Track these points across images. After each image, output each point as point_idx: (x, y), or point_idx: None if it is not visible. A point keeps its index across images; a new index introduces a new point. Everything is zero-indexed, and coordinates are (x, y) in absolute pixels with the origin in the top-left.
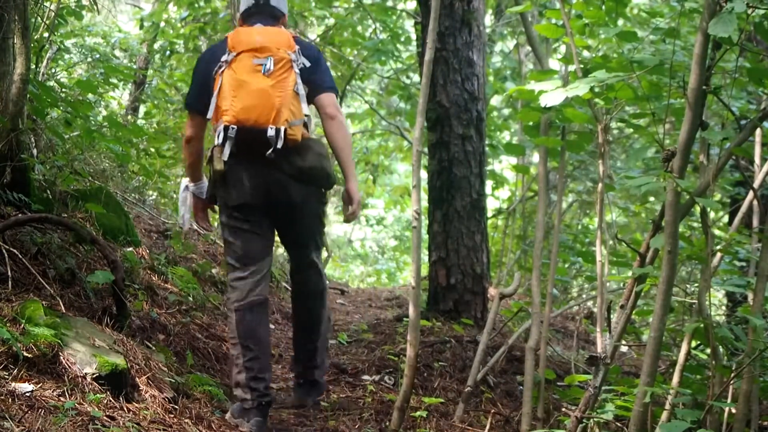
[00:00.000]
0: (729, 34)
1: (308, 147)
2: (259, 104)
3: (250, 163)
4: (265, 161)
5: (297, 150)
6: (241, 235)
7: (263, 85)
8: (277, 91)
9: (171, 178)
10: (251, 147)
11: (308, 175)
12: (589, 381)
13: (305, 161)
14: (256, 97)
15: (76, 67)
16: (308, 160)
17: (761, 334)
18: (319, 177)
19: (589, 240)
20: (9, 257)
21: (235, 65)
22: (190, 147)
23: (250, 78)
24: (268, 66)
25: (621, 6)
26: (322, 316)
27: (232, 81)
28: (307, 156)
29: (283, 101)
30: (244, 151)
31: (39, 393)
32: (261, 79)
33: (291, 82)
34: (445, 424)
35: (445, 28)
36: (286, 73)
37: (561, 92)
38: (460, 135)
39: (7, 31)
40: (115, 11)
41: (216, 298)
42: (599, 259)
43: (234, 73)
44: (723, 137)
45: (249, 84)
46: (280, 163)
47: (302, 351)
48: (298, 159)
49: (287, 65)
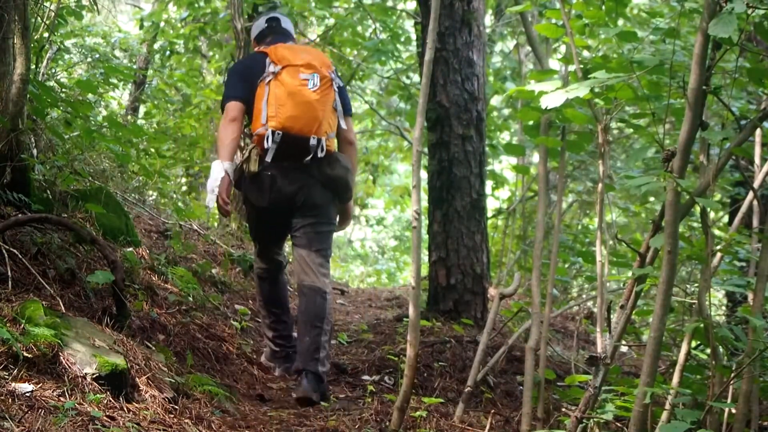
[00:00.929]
0: (729, 34)
1: (337, 159)
2: (305, 115)
3: (286, 167)
4: (300, 166)
5: (328, 160)
6: (262, 227)
7: (311, 98)
8: (321, 105)
9: (171, 178)
10: (292, 152)
11: (334, 183)
12: (589, 381)
13: (333, 170)
14: (303, 108)
15: (76, 67)
16: (336, 170)
17: (761, 334)
18: (342, 187)
19: (589, 240)
20: (9, 257)
21: (282, 77)
22: (232, 127)
23: (299, 90)
24: (314, 81)
25: (621, 6)
26: (325, 312)
27: (280, 91)
28: (335, 167)
29: (324, 115)
30: (285, 155)
31: (39, 393)
32: (308, 92)
33: (331, 98)
34: (445, 424)
35: (445, 28)
36: (328, 90)
37: (561, 93)
38: (460, 135)
39: (7, 31)
40: (115, 11)
41: (216, 298)
42: (599, 259)
43: (282, 85)
44: (723, 137)
45: (297, 96)
46: (311, 170)
47: (306, 345)
48: (328, 168)
49: (329, 83)
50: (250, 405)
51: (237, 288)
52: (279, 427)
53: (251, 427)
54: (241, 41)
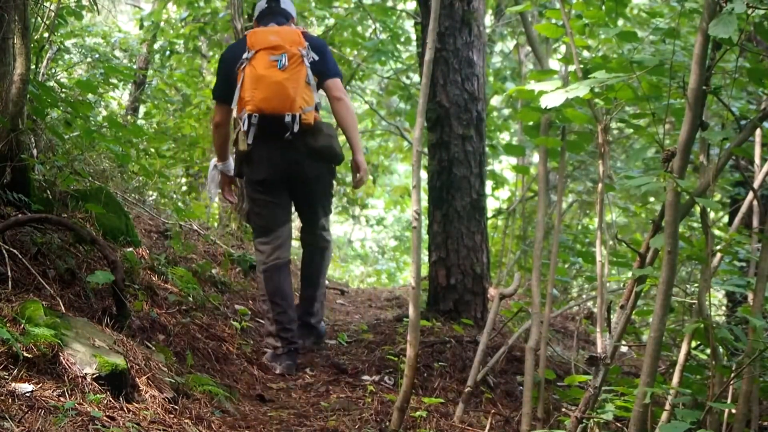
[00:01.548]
0: (729, 34)
1: (320, 129)
2: (277, 95)
3: (271, 144)
4: (283, 143)
5: (311, 132)
6: (263, 206)
7: (279, 78)
8: (292, 83)
9: (171, 178)
10: (271, 131)
11: (320, 153)
12: (589, 381)
13: (317, 142)
14: (273, 89)
15: (76, 67)
16: (320, 141)
17: (761, 334)
18: (329, 155)
19: (589, 240)
20: (9, 257)
21: (254, 62)
22: (219, 131)
23: (268, 72)
24: (283, 62)
25: (621, 6)
26: (322, 269)
27: (252, 75)
28: (318, 137)
29: (297, 91)
30: (265, 134)
31: (39, 393)
32: (277, 73)
33: (303, 74)
34: (445, 425)
35: (445, 29)
36: (298, 67)
37: (561, 93)
38: (460, 135)
39: (7, 31)
40: (115, 11)
41: (216, 299)
42: (599, 259)
43: (254, 69)
44: (723, 137)
45: (267, 78)
46: (296, 144)
47: (303, 298)
48: (312, 140)
49: (299, 60)
50: (250, 405)
51: (237, 288)
52: (279, 427)
53: (251, 427)
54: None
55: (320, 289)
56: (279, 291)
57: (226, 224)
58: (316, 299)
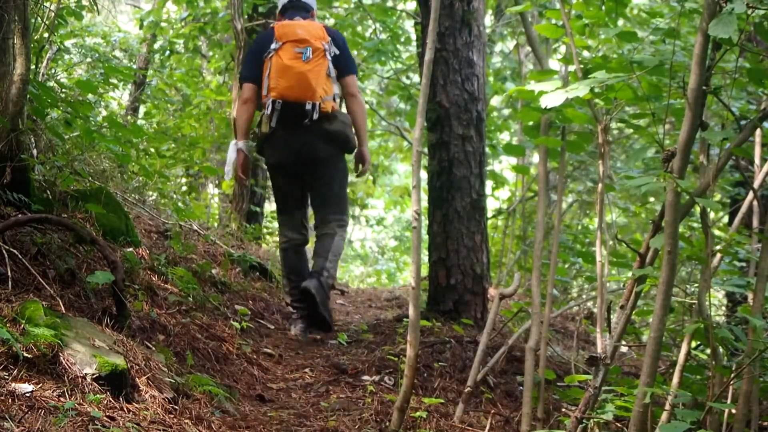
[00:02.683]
0: (729, 34)
1: (335, 116)
2: (300, 84)
3: (290, 128)
4: (301, 127)
5: (327, 118)
6: (279, 188)
7: (303, 70)
8: (314, 75)
9: (171, 178)
10: (292, 116)
11: (333, 136)
12: (589, 381)
13: (332, 126)
14: (297, 79)
15: (76, 67)
16: (334, 126)
17: (761, 334)
18: (340, 139)
19: (589, 240)
20: (9, 258)
21: (281, 52)
22: (246, 107)
23: (293, 63)
24: (307, 54)
25: (621, 6)
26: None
27: (278, 65)
28: (333, 123)
29: (318, 82)
30: (287, 119)
31: (39, 393)
32: (301, 64)
33: (324, 67)
34: (445, 425)
35: (445, 29)
36: (321, 60)
37: (561, 93)
38: (460, 135)
39: (7, 32)
40: (115, 11)
41: (216, 299)
42: (599, 259)
43: (280, 59)
44: (723, 137)
45: (292, 68)
46: (312, 128)
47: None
48: (327, 124)
49: (322, 54)
50: (250, 405)
51: (237, 288)
52: (279, 427)
53: (251, 427)
54: (240, 41)
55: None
56: (294, 269)
57: (226, 224)
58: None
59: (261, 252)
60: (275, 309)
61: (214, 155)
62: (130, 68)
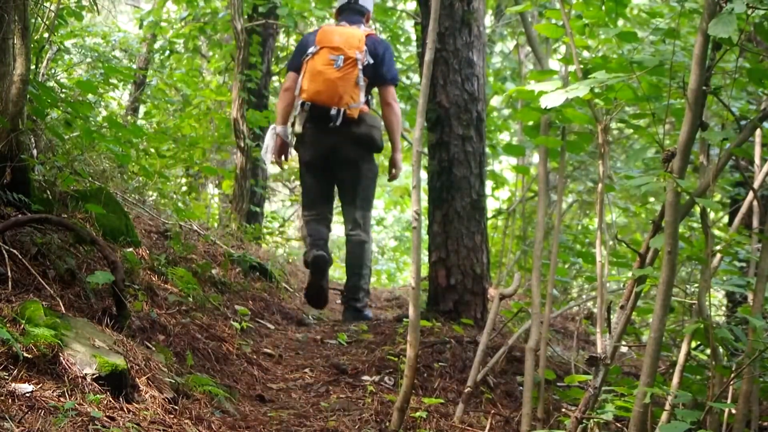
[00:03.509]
0: (729, 34)
1: (363, 120)
2: (328, 90)
3: (319, 129)
4: (329, 129)
5: (355, 122)
6: (307, 185)
7: (333, 77)
8: (342, 82)
9: (171, 178)
10: (319, 118)
11: (359, 139)
12: (589, 381)
13: (359, 129)
14: (326, 84)
15: (76, 67)
16: (361, 129)
17: (761, 334)
18: (367, 141)
19: (589, 240)
20: (9, 258)
21: (317, 57)
22: (286, 94)
23: (325, 69)
24: (338, 62)
25: (621, 6)
26: (363, 260)
27: (312, 69)
28: (360, 126)
29: (345, 90)
30: (315, 120)
31: (39, 393)
32: (333, 71)
33: (354, 76)
34: (445, 425)
35: (445, 29)
36: (351, 69)
37: (561, 93)
38: (460, 135)
39: (7, 32)
40: (115, 11)
41: (216, 299)
42: (599, 259)
43: (314, 64)
44: (723, 138)
45: (323, 74)
46: (341, 131)
47: (348, 287)
48: (354, 128)
49: (353, 63)
50: (250, 405)
51: (237, 288)
52: (279, 427)
53: (251, 427)
54: (241, 41)
55: (363, 279)
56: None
57: (226, 224)
58: (360, 288)
59: (261, 252)
60: (275, 309)
61: (214, 155)
62: (130, 68)
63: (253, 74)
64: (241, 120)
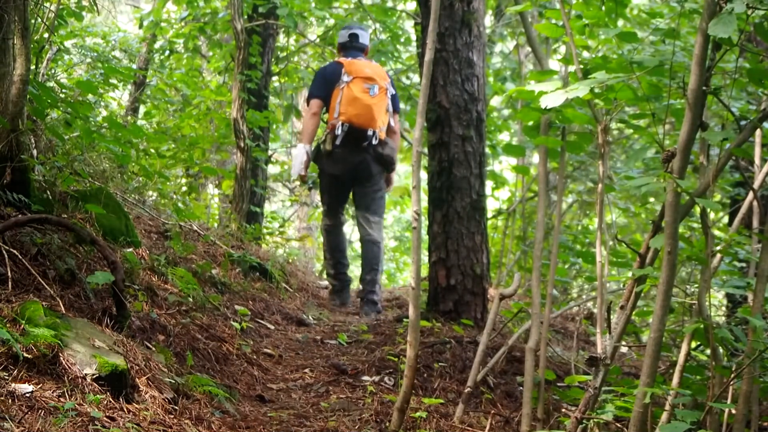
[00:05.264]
0: (729, 34)
1: (386, 143)
2: (365, 114)
3: (350, 148)
4: (360, 148)
5: (381, 144)
6: (332, 194)
7: (370, 103)
8: (377, 108)
9: (171, 178)
10: (355, 138)
11: (383, 159)
12: (588, 382)
13: (384, 150)
14: (364, 109)
15: (76, 67)
16: (385, 150)
17: (761, 334)
18: (389, 161)
19: (588, 240)
20: (9, 258)
21: (352, 85)
22: (314, 119)
23: (362, 96)
24: (374, 91)
25: (621, 6)
26: (378, 258)
27: (349, 96)
28: (385, 148)
29: (379, 114)
30: (350, 140)
31: (39, 394)
32: (369, 98)
33: (385, 103)
34: (445, 425)
35: (445, 29)
36: (384, 97)
37: (561, 93)
38: (460, 136)
39: (7, 32)
40: (115, 11)
41: (216, 299)
42: (599, 259)
43: (351, 91)
44: (723, 138)
45: (361, 100)
46: (369, 149)
47: (365, 280)
48: (380, 149)
49: (385, 92)
50: (250, 405)
51: (237, 289)
52: (279, 427)
53: (251, 427)
54: (240, 41)
55: (378, 274)
56: (337, 246)
57: (226, 225)
58: (375, 281)
59: (261, 252)
60: (275, 309)
61: (214, 155)
62: (130, 68)
63: (253, 74)
64: (241, 120)
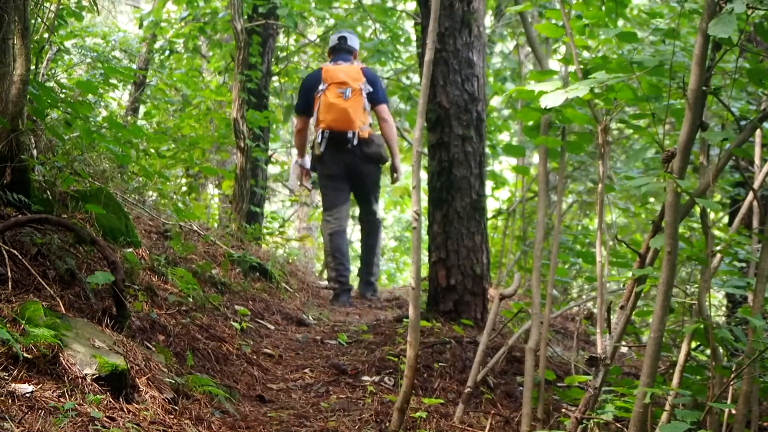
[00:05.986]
0: (729, 34)
1: (371, 140)
2: (342, 117)
3: (337, 150)
4: (345, 149)
5: (365, 142)
6: (329, 192)
7: (345, 106)
8: (353, 110)
9: (171, 178)
10: (338, 142)
11: (370, 156)
12: (588, 382)
13: (369, 149)
14: (340, 113)
15: (76, 67)
16: (371, 148)
17: (761, 335)
18: (376, 157)
19: (588, 241)
20: (9, 258)
21: (327, 92)
22: (300, 134)
23: (337, 101)
24: (347, 94)
25: (621, 6)
26: (376, 240)
27: (325, 103)
28: (370, 146)
29: (356, 115)
30: (334, 144)
31: (39, 394)
32: (343, 102)
33: (361, 103)
34: (445, 425)
35: (445, 29)
36: (358, 98)
37: (561, 93)
38: (460, 136)
39: (7, 32)
40: (115, 11)
41: (216, 299)
42: (599, 259)
43: (327, 98)
44: (723, 138)
45: (336, 105)
46: (354, 150)
47: (364, 263)
48: (365, 147)
49: (359, 93)
50: (250, 405)
51: (237, 289)
52: (279, 427)
53: (251, 427)
54: (241, 41)
55: (376, 257)
56: (338, 249)
57: (226, 225)
58: (373, 263)
59: (261, 252)
60: (275, 309)
61: (214, 155)
62: (130, 68)
63: (253, 74)
64: (241, 120)
